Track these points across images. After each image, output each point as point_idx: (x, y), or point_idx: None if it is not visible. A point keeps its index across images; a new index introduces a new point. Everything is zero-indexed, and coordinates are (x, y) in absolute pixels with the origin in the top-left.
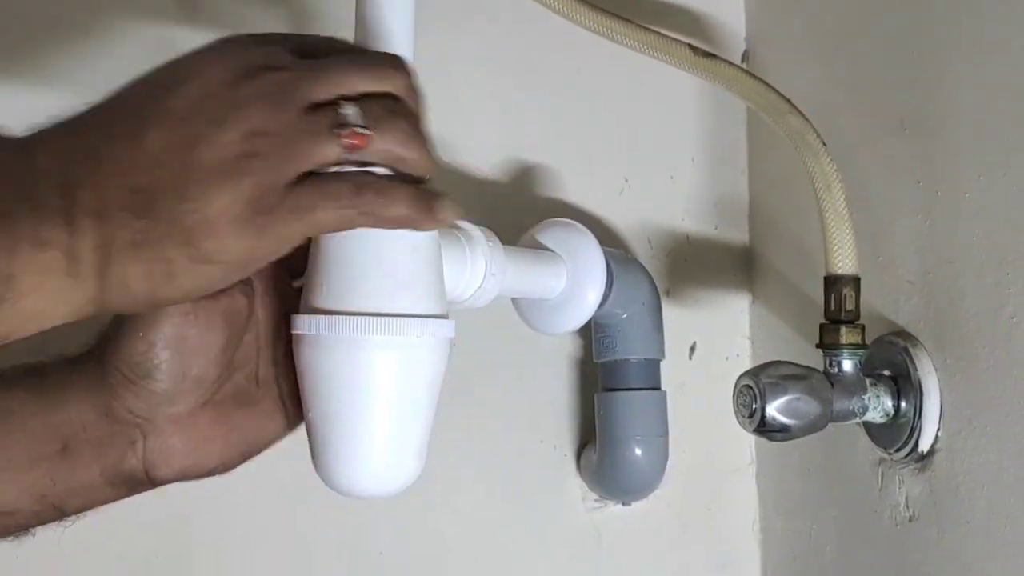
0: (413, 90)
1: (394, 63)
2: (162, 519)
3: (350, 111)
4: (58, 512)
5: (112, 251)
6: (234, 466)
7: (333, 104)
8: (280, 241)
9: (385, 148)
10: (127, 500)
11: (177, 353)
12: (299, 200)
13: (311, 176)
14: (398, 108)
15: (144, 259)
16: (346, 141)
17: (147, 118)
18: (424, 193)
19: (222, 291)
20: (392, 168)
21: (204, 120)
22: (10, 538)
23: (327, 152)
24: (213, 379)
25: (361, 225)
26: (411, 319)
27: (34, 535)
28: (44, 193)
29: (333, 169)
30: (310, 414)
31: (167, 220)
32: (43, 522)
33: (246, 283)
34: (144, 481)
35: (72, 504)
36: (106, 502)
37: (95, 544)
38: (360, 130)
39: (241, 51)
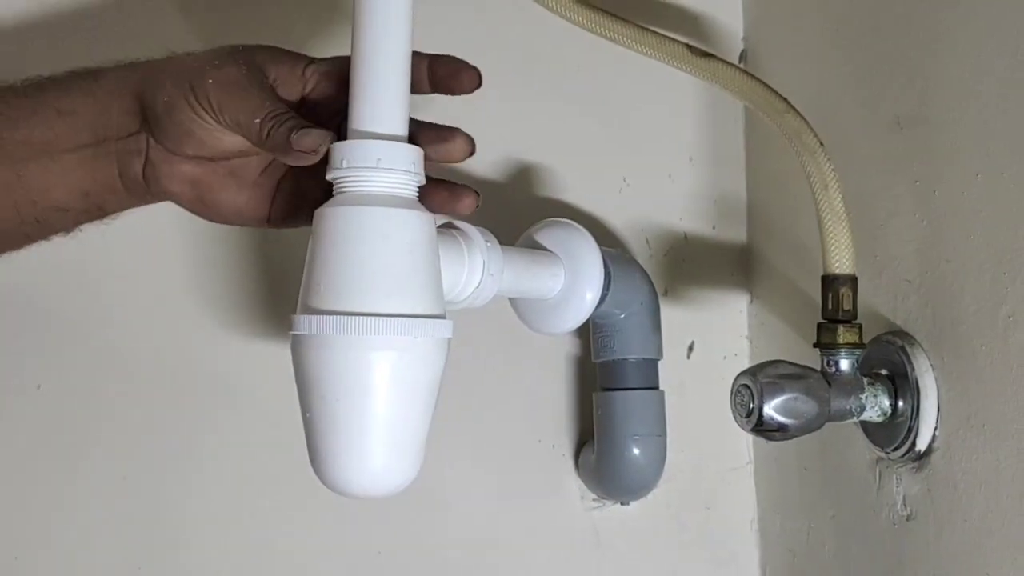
0: None
1: None
2: (159, 517)
3: None
4: (99, 211)
5: None
6: (196, 203)
7: None
8: None
9: None
10: (123, 504)
11: (214, 86)
12: None
13: None
14: None
15: None
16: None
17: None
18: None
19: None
20: None
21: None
22: (63, 233)
23: None
24: (226, 146)
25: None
26: (409, 319)
27: (81, 231)
28: None
29: None
30: (308, 414)
31: None
32: (90, 219)
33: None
34: (141, 183)
35: (109, 203)
36: (126, 206)
37: (92, 542)
38: None
39: None
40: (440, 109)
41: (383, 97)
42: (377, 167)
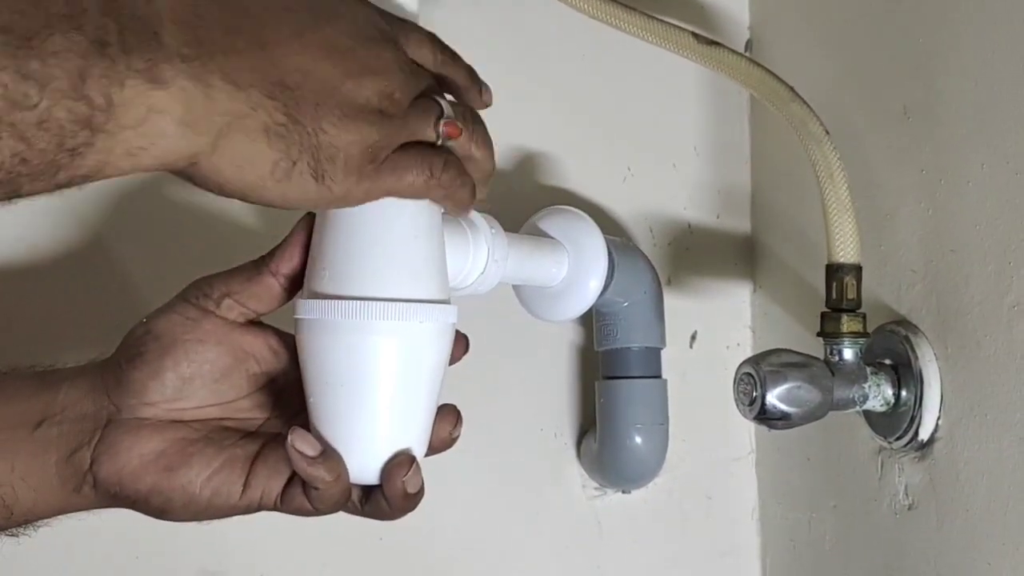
0: (487, 99)
1: (476, 77)
2: None
3: (447, 106)
4: (7, 511)
5: (243, 125)
6: (162, 504)
7: (434, 97)
8: (370, 191)
9: (467, 144)
10: None
11: (168, 348)
12: (400, 161)
13: (410, 144)
14: (479, 118)
15: (275, 149)
16: (444, 129)
17: (305, 27)
18: (474, 186)
19: (249, 323)
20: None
21: (356, 62)
22: None
23: (429, 133)
24: (196, 401)
25: (434, 198)
26: (414, 304)
27: None
28: (171, 36)
29: None
30: (312, 399)
31: (309, 129)
32: None
33: (276, 344)
34: (85, 475)
35: (22, 503)
36: (50, 507)
37: (89, 530)
38: (458, 124)
39: (375, 19)
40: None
41: None
42: None
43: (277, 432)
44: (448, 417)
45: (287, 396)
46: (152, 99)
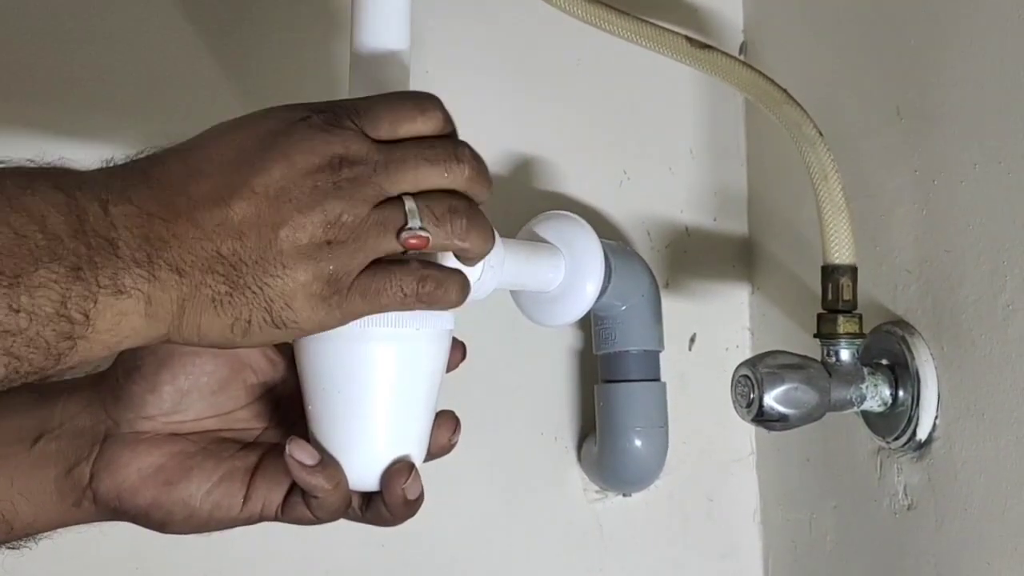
0: (475, 175)
1: (460, 154)
2: None
3: (412, 214)
4: (6, 526)
5: (192, 305)
6: (163, 518)
7: (399, 199)
8: (346, 316)
9: (443, 243)
10: None
11: (165, 361)
12: (368, 284)
13: (378, 262)
14: (459, 207)
15: (225, 315)
16: (408, 242)
17: (233, 190)
18: (467, 280)
19: None
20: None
21: (289, 205)
22: None
23: (391, 247)
24: (194, 413)
25: (416, 308)
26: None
27: None
28: (124, 245)
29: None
30: (310, 407)
31: (252, 289)
32: None
33: (272, 354)
34: (84, 490)
35: (22, 517)
36: (50, 521)
37: (89, 544)
38: (420, 232)
39: (321, 137)
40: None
41: (385, 53)
42: None
43: (276, 442)
44: (446, 423)
45: (285, 406)
46: (119, 306)
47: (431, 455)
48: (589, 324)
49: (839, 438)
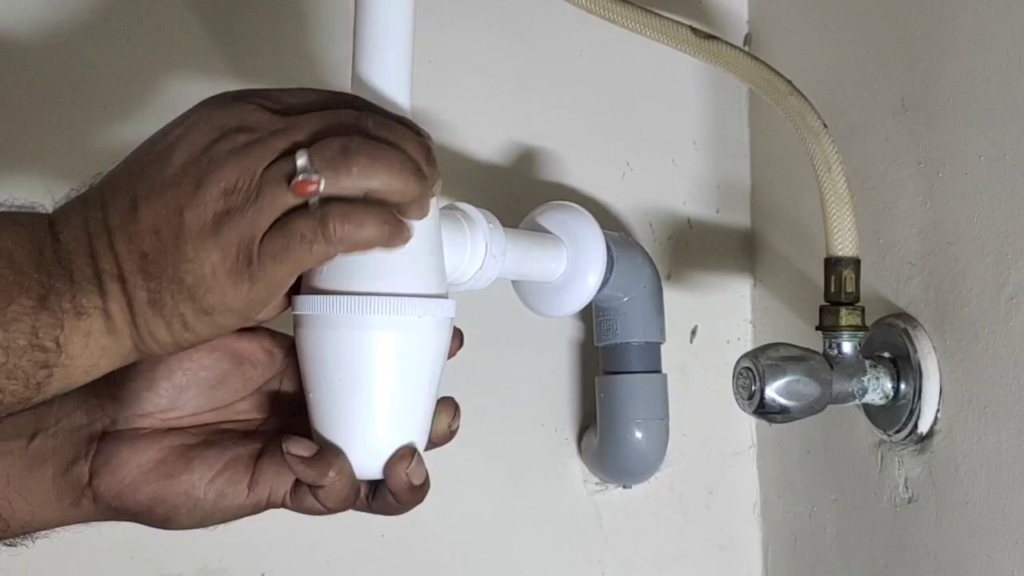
0: (378, 121)
1: (355, 101)
2: None
3: (301, 159)
4: (3, 524)
5: (136, 309)
6: (166, 512)
7: (291, 153)
8: (272, 285)
9: (343, 185)
10: None
11: (161, 358)
12: (273, 245)
13: (282, 219)
14: (355, 145)
15: (161, 314)
16: (297, 189)
17: (144, 189)
18: (390, 212)
19: (243, 329)
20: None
21: (188, 185)
22: None
23: (284, 200)
24: (192, 408)
25: (339, 253)
26: (413, 298)
27: None
28: (76, 266)
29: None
30: (311, 395)
31: (172, 280)
32: None
33: (270, 346)
34: (84, 489)
35: (19, 515)
36: (48, 520)
37: (87, 534)
38: (311, 176)
39: (218, 113)
40: (444, 94)
41: (385, 86)
42: None
43: (278, 429)
44: (446, 409)
45: (284, 396)
46: (83, 327)
47: (432, 443)
48: (590, 315)
49: (840, 431)
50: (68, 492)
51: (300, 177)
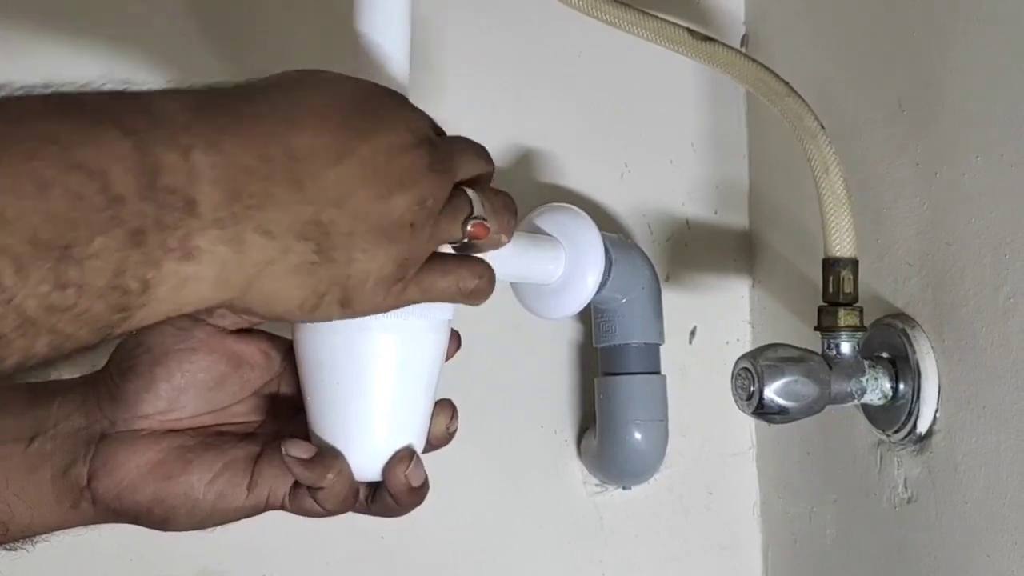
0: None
1: (486, 152)
2: None
3: (475, 200)
4: (2, 527)
5: (272, 272)
6: (165, 513)
7: (463, 190)
8: (398, 304)
9: (493, 237)
10: None
11: (160, 359)
12: (430, 276)
13: (435, 254)
14: (510, 202)
15: (302, 286)
16: (471, 230)
17: (340, 153)
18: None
19: (240, 330)
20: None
21: (393, 178)
22: None
23: (456, 235)
24: (191, 410)
25: (459, 302)
26: None
27: None
28: (206, 200)
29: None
30: (310, 398)
31: (339, 262)
32: None
33: (268, 348)
34: (83, 491)
35: (19, 519)
36: (47, 523)
37: (86, 536)
38: (485, 222)
39: (415, 114)
40: (442, 95)
41: (385, 44)
42: None
43: (275, 431)
44: (444, 411)
45: (282, 399)
46: (186, 271)
47: (431, 445)
48: (589, 317)
49: (839, 431)
50: (67, 494)
51: (476, 220)
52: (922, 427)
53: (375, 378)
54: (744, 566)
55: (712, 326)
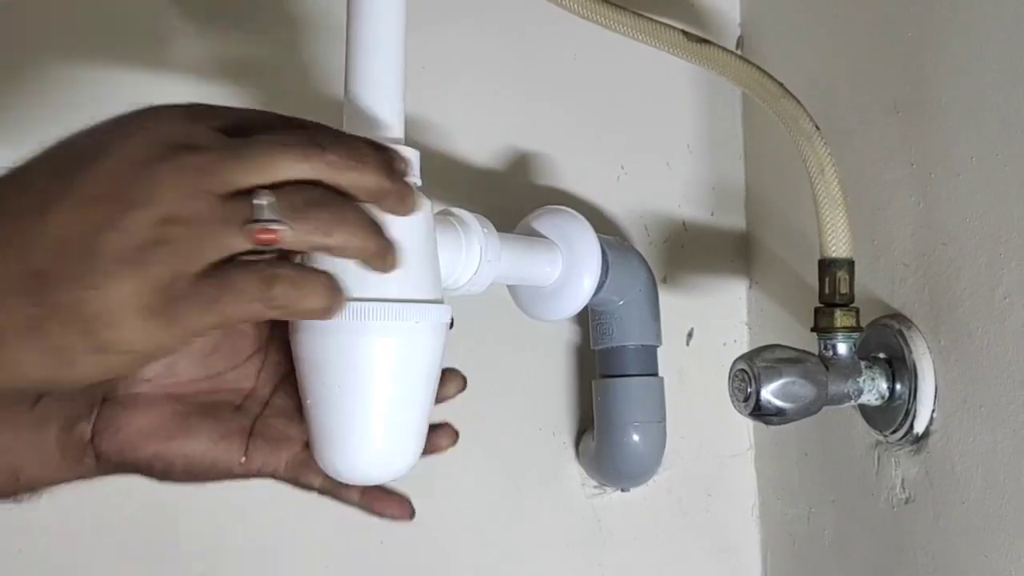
0: (345, 162)
1: (321, 141)
2: (159, 502)
3: (264, 203)
4: (13, 477)
5: (12, 334)
6: (164, 468)
7: (251, 192)
8: (187, 333)
9: (303, 239)
10: (122, 494)
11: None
12: (205, 292)
13: (222, 265)
14: (321, 198)
15: (38, 346)
16: (256, 236)
17: (53, 196)
18: (335, 284)
19: None
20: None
21: (114, 202)
22: None
23: (235, 244)
24: (188, 375)
25: (272, 317)
26: (409, 304)
27: None
28: None
29: (253, 257)
30: (308, 401)
31: (65, 307)
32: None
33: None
34: (86, 446)
35: (27, 471)
36: (53, 476)
37: (88, 538)
38: (272, 225)
39: (163, 126)
40: (438, 99)
41: (378, 98)
42: None
43: (266, 398)
44: (447, 435)
45: (270, 365)
46: None
47: (426, 452)
48: (587, 319)
49: (837, 432)
50: (72, 450)
51: (256, 224)
52: (919, 427)
53: (374, 382)
54: (743, 567)
55: (709, 328)
